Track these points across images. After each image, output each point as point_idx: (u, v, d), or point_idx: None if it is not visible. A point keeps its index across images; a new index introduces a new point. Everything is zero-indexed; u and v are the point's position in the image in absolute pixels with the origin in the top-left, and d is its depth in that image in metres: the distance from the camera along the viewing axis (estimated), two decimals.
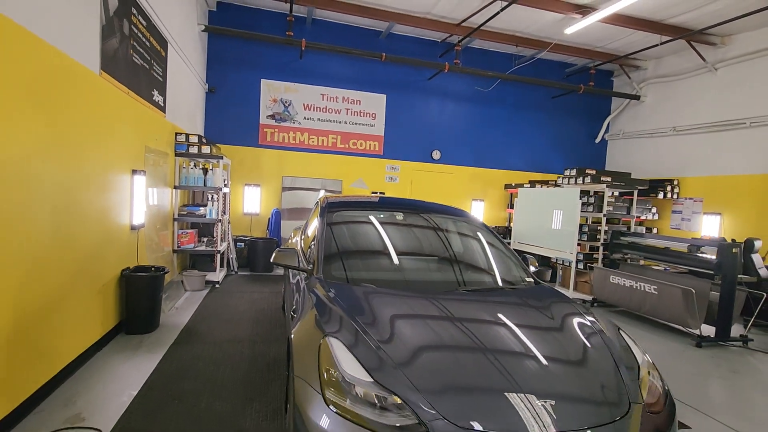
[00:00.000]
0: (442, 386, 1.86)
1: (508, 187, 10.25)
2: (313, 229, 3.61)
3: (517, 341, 2.22)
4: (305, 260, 3.37)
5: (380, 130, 9.59)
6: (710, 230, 8.26)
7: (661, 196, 8.92)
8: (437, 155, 9.94)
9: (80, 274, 3.50)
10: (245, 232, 8.79)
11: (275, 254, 3.10)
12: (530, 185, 9.51)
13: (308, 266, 3.08)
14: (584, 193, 7.75)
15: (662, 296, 5.49)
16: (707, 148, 8.58)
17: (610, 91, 10.57)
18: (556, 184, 9.00)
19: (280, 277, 7.43)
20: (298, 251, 3.40)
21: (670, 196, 8.93)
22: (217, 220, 6.64)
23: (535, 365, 2.05)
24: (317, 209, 3.89)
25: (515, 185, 9.87)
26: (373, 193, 9.45)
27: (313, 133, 9.22)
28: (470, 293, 2.88)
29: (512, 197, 9.90)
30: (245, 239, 8.31)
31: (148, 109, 5.01)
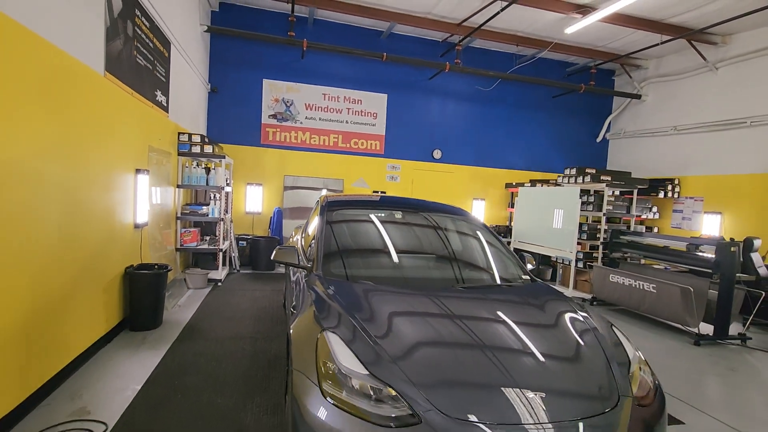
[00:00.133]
0: (436, 379, 1.91)
1: (508, 186, 10.27)
2: (313, 227, 3.66)
3: (511, 337, 2.27)
4: (305, 258, 3.42)
5: (381, 129, 9.64)
6: (711, 229, 8.26)
7: (661, 195, 8.93)
8: (438, 154, 9.97)
9: (85, 271, 3.57)
10: (247, 230, 8.86)
11: (276, 252, 3.16)
12: (531, 184, 9.53)
13: (308, 263, 3.13)
14: (584, 192, 7.78)
15: (661, 295, 5.53)
16: (708, 147, 8.58)
17: (611, 90, 10.57)
18: (556, 183, 9.03)
19: (281, 275, 7.49)
20: (298, 249, 3.46)
21: (670, 195, 8.94)
22: (219, 218, 6.71)
23: (528, 360, 2.10)
24: (317, 208, 3.94)
25: (516, 184, 9.89)
26: (374, 192, 9.49)
27: (314, 132, 9.27)
28: (467, 290, 2.92)
29: (513, 196, 9.92)
30: (247, 238, 8.39)
31: (151, 109, 5.08)
